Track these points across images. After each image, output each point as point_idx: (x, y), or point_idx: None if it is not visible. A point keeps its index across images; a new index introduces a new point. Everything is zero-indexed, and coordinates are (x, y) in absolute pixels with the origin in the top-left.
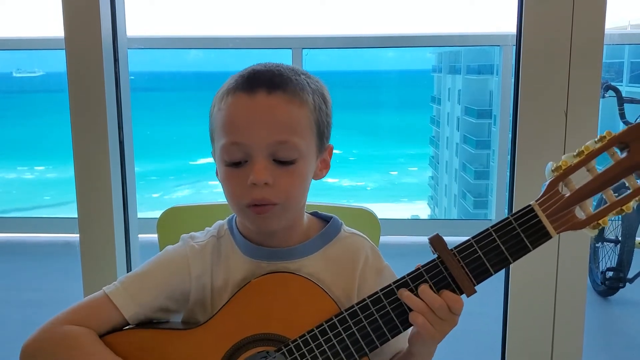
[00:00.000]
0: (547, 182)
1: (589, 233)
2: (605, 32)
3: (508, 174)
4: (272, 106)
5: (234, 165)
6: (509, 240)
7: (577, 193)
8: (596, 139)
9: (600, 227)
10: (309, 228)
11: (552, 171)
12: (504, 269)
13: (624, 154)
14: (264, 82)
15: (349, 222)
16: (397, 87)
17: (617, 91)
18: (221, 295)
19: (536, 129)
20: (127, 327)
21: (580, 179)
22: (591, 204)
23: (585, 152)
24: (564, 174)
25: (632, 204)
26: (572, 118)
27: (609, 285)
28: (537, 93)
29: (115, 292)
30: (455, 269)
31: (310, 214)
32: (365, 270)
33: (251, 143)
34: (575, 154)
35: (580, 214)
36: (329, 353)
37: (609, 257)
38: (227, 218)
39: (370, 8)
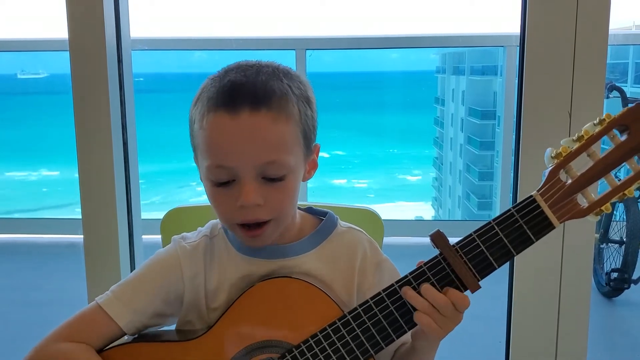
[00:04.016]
0: (548, 170)
1: (591, 219)
2: (609, 33)
3: (512, 175)
4: (257, 126)
5: (220, 185)
6: (512, 233)
7: (578, 180)
8: (595, 122)
9: (603, 213)
10: (303, 225)
11: (552, 157)
12: (508, 268)
13: (624, 137)
14: (246, 98)
15: (353, 223)
16: (400, 88)
17: (621, 92)
18: (216, 295)
19: (540, 130)
20: (126, 342)
21: (580, 164)
22: (595, 190)
23: (585, 137)
24: (564, 161)
25: (634, 187)
26: (576, 119)
27: (614, 286)
28: (541, 94)
29: (107, 302)
30: (458, 265)
31: (305, 210)
32: (365, 265)
33: (237, 166)
34: (574, 138)
35: (582, 200)
36: (333, 357)
37: (613, 258)
38: None
39: (374, 9)
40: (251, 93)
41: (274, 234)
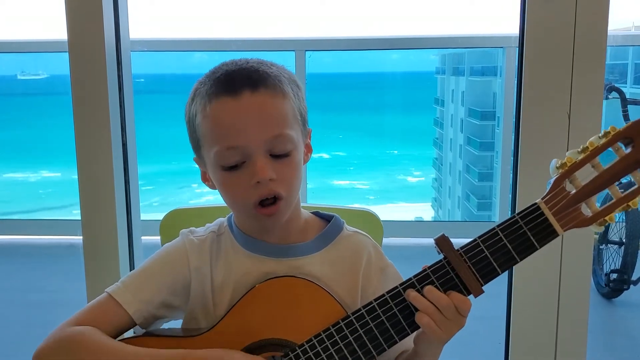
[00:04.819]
0: (553, 180)
1: (595, 229)
2: (609, 34)
3: (512, 176)
4: (260, 103)
5: (231, 169)
6: (516, 239)
7: (582, 190)
8: (600, 135)
9: (607, 224)
10: (309, 226)
11: (557, 168)
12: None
13: (629, 149)
14: (244, 81)
15: (352, 224)
16: (400, 89)
17: (620, 92)
18: (222, 291)
19: (539, 131)
20: (131, 336)
21: (585, 175)
22: (597, 200)
23: (590, 148)
24: (569, 171)
25: (638, 199)
26: (575, 120)
27: (613, 287)
28: (539, 95)
29: (117, 291)
30: (462, 269)
31: (312, 213)
32: (369, 269)
33: (248, 144)
34: (579, 150)
35: (586, 210)
36: (336, 357)
37: (613, 259)
38: (227, 215)
39: (374, 9)
40: (247, 76)
41: (286, 212)
